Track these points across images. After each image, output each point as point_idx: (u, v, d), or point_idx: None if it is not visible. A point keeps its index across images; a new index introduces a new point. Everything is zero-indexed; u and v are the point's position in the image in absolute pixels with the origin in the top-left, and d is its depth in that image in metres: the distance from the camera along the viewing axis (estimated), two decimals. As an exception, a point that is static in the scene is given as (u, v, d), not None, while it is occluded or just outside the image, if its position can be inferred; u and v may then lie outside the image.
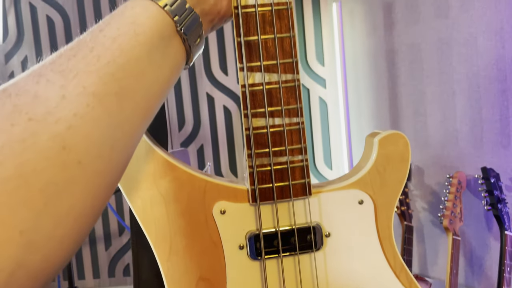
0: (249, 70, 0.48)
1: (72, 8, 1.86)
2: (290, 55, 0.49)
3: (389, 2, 1.70)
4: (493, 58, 1.43)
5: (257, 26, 0.48)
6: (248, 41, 0.48)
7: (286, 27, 0.48)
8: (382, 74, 1.76)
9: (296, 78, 0.49)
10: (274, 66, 0.48)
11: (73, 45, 0.36)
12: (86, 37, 0.36)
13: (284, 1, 0.48)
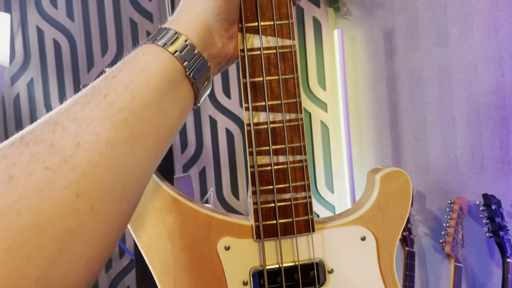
0: (254, 110, 0.50)
1: (78, 32, 1.90)
2: (294, 95, 0.50)
3: (389, 29, 1.73)
4: (493, 85, 1.45)
5: (262, 67, 0.49)
6: (254, 82, 0.49)
7: (290, 68, 0.50)
8: (383, 100, 1.78)
9: (299, 117, 0.50)
10: (278, 106, 0.50)
11: (87, 91, 0.37)
12: (100, 83, 0.38)
13: (288, 44, 0.50)
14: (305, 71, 1.90)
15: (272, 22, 0.49)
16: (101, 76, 0.40)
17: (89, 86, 0.38)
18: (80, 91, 0.38)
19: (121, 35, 1.90)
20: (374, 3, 1.77)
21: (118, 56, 1.90)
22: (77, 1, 1.89)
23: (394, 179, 0.54)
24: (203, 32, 0.44)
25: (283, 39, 0.50)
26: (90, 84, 0.39)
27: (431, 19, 1.59)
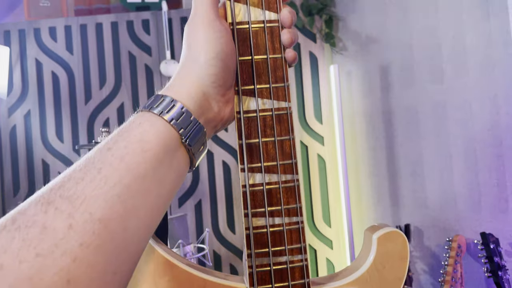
0: (250, 171, 0.49)
1: (77, 65, 1.92)
2: (290, 157, 0.50)
3: (385, 65, 1.75)
4: (488, 123, 1.46)
5: (258, 129, 0.49)
6: (249, 143, 0.49)
7: (286, 130, 0.50)
8: (380, 134, 1.79)
9: (295, 178, 0.50)
10: (274, 167, 0.50)
11: (81, 165, 0.37)
12: (95, 156, 0.37)
13: (284, 106, 0.50)
14: (301, 104, 1.92)
15: (268, 85, 0.49)
16: (97, 146, 0.39)
17: (84, 158, 0.38)
18: (75, 163, 0.38)
19: (120, 68, 1.92)
20: (370, 39, 1.80)
21: (116, 89, 1.91)
22: (77, 35, 1.92)
23: (391, 240, 0.53)
24: (199, 99, 0.44)
25: (279, 101, 0.50)
26: (85, 156, 0.39)
27: (426, 56, 1.62)
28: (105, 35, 1.92)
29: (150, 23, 1.92)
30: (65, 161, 1.91)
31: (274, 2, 0.49)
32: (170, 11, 1.92)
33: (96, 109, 1.92)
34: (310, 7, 1.85)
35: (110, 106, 1.92)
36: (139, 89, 1.92)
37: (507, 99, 1.41)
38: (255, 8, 0.48)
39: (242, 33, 0.48)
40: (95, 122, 1.92)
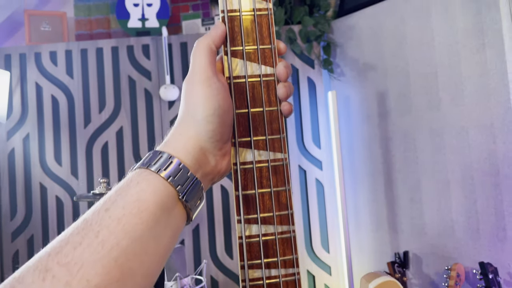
0: (246, 222, 0.49)
1: (77, 89, 1.93)
2: (286, 207, 0.50)
3: (382, 91, 1.77)
4: (485, 152, 1.46)
5: (255, 180, 0.50)
6: (246, 195, 0.49)
7: (282, 181, 0.50)
8: (378, 160, 1.79)
9: (291, 229, 0.50)
10: (270, 218, 0.50)
11: (79, 228, 0.37)
12: (93, 218, 0.38)
13: (280, 158, 0.50)
14: (300, 128, 1.92)
15: (264, 136, 0.50)
16: (95, 206, 0.40)
17: (82, 220, 0.38)
18: (73, 225, 0.38)
19: (119, 92, 1.93)
20: (367, 66, 1.82)
21: (116, 113, 1.92)
22: (77, 59, 1.93)
23: (388, 290, 0.53)
24: (197, 153, 0.45)
25: (275, 153, 0.50)
26: (83, 216, 0.39)
27: (422, 84, 1.63)
28: (105, 60, 1.94)
29: (150, 48, 1.94)
30: (63, 185, 1.91)
31: (270, 56, 0.50)
32: (170, 37, 1.94)
33: (95, 132, 1.92)
34: (309, 33, 1.88)
35: (109, 130, 1.92)
36: (138, 113, 1.93)
37: (503, 128, 1.42)
38: (251, 63, 0.49)
39: (239, 86, 0.49)
40: (94, 146, 1.92)
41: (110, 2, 2.05)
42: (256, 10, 0.49)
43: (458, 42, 1.52)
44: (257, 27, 0.49)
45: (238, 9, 0.49)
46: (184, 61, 1.95)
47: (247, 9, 0.49)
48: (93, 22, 2.03)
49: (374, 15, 1.78)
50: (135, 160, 1.91)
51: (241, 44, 0.49)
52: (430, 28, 1.60)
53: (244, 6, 0.49)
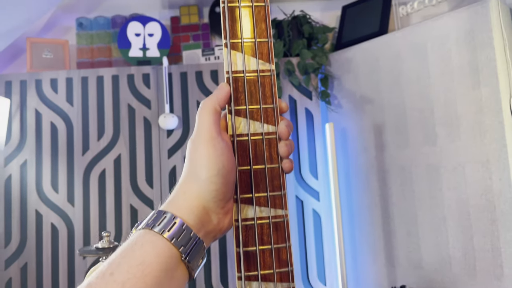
0: (246, 279, 0.50)
1: (76, 116, 1.94)
2: (286, 264, 0.51)
3: (379, 124, 1.79)
4: (481, 188, 1.47)
5: (256, 237, 0.50)
6: (247, 251, 0.50)
7: (282, 238, 0.51)
8: (375, 192, 1.80)
9: (291, 286, 0.51)
10: (270, 275, 0.50)
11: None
12: (97, 282, 0.38)
13: (280, 214, 0.51)
14: (297, 159, 1.93)
15: (265, 193, 0.51)
16: (100, 270, 0.40)
17: (87, 284, 0.39)
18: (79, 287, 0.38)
19: (118, 120, 1.94)
20: (364, 99, 1.85)
21: (114, 140, 1.93)
22: (78, 87, 1.95)
23: None
24: (200, 213, 0.46)
25: (276, 209, 0.51)
26: (88, 280, 0.39)
27: (419, 118, 1.66)
28: (105, 88, 1.96)
29: (150, 77, 1.97)
30: (59, 212, 1.90)
31: (272, 115, 0.51)
32: (171, 66, 1.97)
33: (93, 160, 1.92)
34: (307, 66, 1.91)
35: (107, 157, 1.93)
36: (137, 141, 1.94)
37: (499, 165, 1.43)
38: (254, 121, 0.50)
39: (242, 144, 0.50)
40: (91, 173, 1.92)
41: (112, 31, 2.08)
42: (259, 72, 0.50)
43: (453, 79, 1.55)
44: (260, 87, 0.51)
45: (242, 70, 0.50)
46: (183, 91, 1.97)
47: (251, 70, 0.50)
48: (94, 50, 2.06)
49: (371, 49, 1.82)
50: (132, 188, 1.91)
51: (245, 104, 0.50)
52: (426, 64, 1.63)
53: (248, 67, 0.50)
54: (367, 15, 1.95)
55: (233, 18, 0.50)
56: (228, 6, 0.50)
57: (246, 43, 0.50)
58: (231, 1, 0.50)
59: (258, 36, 0.50)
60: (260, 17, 0.51)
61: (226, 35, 0.50)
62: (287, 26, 1.97)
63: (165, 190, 1.92)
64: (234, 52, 0.50)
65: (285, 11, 2.12)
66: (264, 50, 0.51)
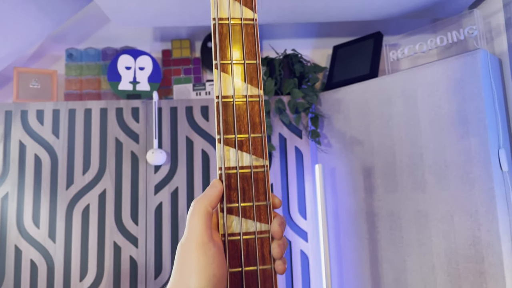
0: None
1: (62, 149, 1.90)
2: None
3: (368, 167, 1.78)
4: (470, 238, 1.47)
5: None
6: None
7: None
8: (363, 235, 1.78)
9: None
10: None
11: None
12: None
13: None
14: (286, 198, 1.91)
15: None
16: None
17: None
18: None
19: (105, 154, 1.90)
20: (354, 140, 1.85)
21: (100, 175, 1.89)
22: (64, 119, 1.92)
23: None
24: None
25: None
26: None
27: (408, 164, 1.66)
28: (93, 121, 1.92)
29: (139, 111, 1.94)
30: (39, 248, 1.84)
31: (265, 213, 0.49)
32: (161, 101, 1.95)
33: (77, 194, 1.88)
34: (297, 104, 1.91)
35: (92, 192, 1.88)
36: (123, 175, 1.90)
37: (487, 217, 1.43)
38: (247, 220, 0.48)
39: (234, 244, 0.48)
40: (74, 208, 1.87)
41: (102, 63, 2.06)
42: (253, 168, 0.49)
43: (443, 127, 1.56)
44: (253, 183, 0.49)
45: (235, 167, 0.48)
46: (173, 126, 1.94)
47: (245, 166, 0.49)
48: (83, 81, 2.03)
49: (362, 92, 1.83)
50: (116, 225, 1.87)
51: (237, 201, 0.48)
52: (416, 110, 1.64)
53: (241, 163, 0.49)
54: (358, 56, 1.97)
55: (227, 114, 0.49)
56: (223, 102, 0.48)
57: (240, 138, 0.49)
58: (225, 97, 0.48)
59: (252, 132, 0.49)
60: (254, 112, 0.49)
61: (220, 129, 0.48)
62: (279, 65, 1.97)
63: (151, 227, 1.88)
64: (227, 147, 0.48)
65: (277, 48, 2.13)
66: (258, 145, 0.49)
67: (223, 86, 0.48)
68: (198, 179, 1.92)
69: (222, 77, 0.48)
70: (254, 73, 0.49)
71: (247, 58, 0.48)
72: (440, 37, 1.66)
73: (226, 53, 0.48)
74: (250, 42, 0.49)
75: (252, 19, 0.49)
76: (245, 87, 0.48)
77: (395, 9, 1.83)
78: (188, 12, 1.84)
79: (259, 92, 0.49)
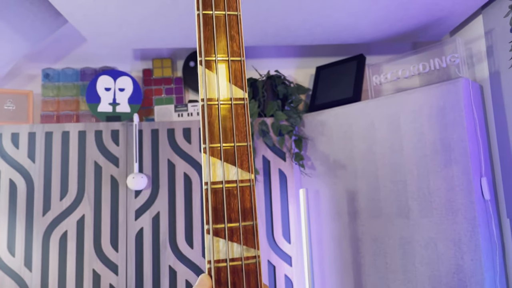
0: None
1: (38, 174, 1.84)
2: None
3: (352, 191, 1.78)
4: (453, 266, 1.47)
5: None
6: None
7: None
8: (347, 260, 1.78)
9: None
10: None
11: None
12: None
13: None
14: (270, 222, 1.89)
15: None
16: None
17: None
18: None
19: (83, 179, 1.85)
20: (337, 163, 1.84)
21: (78, 200, 1.83)
22: (41, 142, 1.85)
23: None
24: None
25: None
26: None
27: (392, 189, 1.66)
28: (71, 144, 1.86)
29: (119, 134, 1.89)
30: (14, 277, 1.77)
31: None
32: (141, 123, 1.90)
33: (54, 221, 1.82)
34: (281, 127, 1.89)
35: (70, 218, 1.82)
36: (103, 200, 1.85)
37: (470, 245, 1.44)
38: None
39: None
40: (51, 235, 1.81)
41: (80, 84, 2.00)
42: (244, 259, 0.46)
43: (426, 154, 1.57)
44: (244, 277, 0.46)
45: (225, 259, 0.46)
46: (154, 149, 1.90)
47: (236, 257, 0.46)
48: (61, 102, 1.97)
49: (345, 115, 1.82)
50: (96, 252, 1.81)
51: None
52: (399, 136, 1.64)
53: (232, 255, 0.46)
54: (341, 78, 1.97)
55: (216, 202, 0.46)
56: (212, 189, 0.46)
57: (230, 226, 0.46)
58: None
59: (243, 220, 0.46)
60: (245, 198, 0.47)
61: (208, 220, 0.46)
62: (262, 87, 1.95)
63: (131, 253, 1.83)
64: (216, 238, 0.46)
65: (259, 67, 2.11)
66: (249, 234, 0.47)
67: (212, 172, 0.45)
68: (180, 203, 1.88)
69: (211, 161, 0.45)
70: (245, 157, 0.46)
71: (237, 141, 0.46)
72: (423, 63, 1.67)
73: (215, 138, 0.46)
74: (240, 122, 0.47)
75: (242, 99, 0.47)
76: (236, 171, 0.46)
77: (378, 34, 1.84)
78: (170, 35, 1.80)
79: (250, 176, 0.47)
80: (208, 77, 0.46)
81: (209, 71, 0.46)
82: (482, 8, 1.67)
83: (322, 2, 1.52)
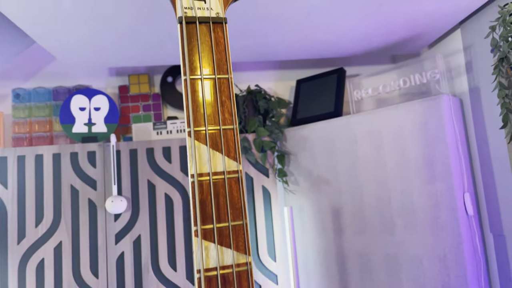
0: None
1: (11, 200, 1.75)
2: None
3: (337, 207, 1.77)
4: (439, 283, 1.48)
5: None
6: None
7: None
8: (334, 277, 1.77)
9: None
10: None
11: None
12: None
13: None
14: (255, 241, 1.87)
15: None
16: None
17: None
18: None
19: (59, 203, 1.78)
20: (321, 179, 1.82)
21: (54, 226, 1.76)
22: (13, 167, 1.77)
23: None
24: None
25: None
26: None
27: (376, 206, 1.65)
28: (45, 168, 1.79)
29: (96, 155, 1.83)
30: (-12, 311, 1.68)
31: None
32: (119, 143, 1.84)
33: (29, 249, 1.74)
34: (263, 143, 1.87)
35: (46, 245, 1.75)
36: (81, 226, 1.78)
37: (456, 262, 1.45)
38: None
39: None
40: (27, 264, 1.73)
41: (54, 104, 1.93)
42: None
43: (409, 170, 1.57)
44: None
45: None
46: (133, 170, 1.84)
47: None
48: (33, 124, 1.89)
49: (327, 130, 1.81)
50: (75, 279, 1.75)
51: None
52: (382, 152, 1.64)
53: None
54: (321, 92, 1.95)
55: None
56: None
57: None
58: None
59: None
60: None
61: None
62: (243, 103, 1.92)
63: (112, 279, 1.77)
64: None
65: (239, 81, 2.08)
66: None
67: (205, 258, 0.42)
68: (161, 225, 1.83)
69: (203, 244, 0.42)
70: (241, 237, 0.43)
71: (231, 220, 0.43)
72: (403, 79, 1.67)
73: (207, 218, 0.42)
74: (235, 198, 0.44)
75: (236, 171, 0.44)
76: (231, 254, 0.43)
77: (357, 48, 1.83)
78: (147, 54, 1.75)
79: (247, 259, 0.44)
80: (198, 150, 0.43)
81: (199, 143, 0.43)
82: (460, 23, 1.68)
83: (300, 21, 1.50)
